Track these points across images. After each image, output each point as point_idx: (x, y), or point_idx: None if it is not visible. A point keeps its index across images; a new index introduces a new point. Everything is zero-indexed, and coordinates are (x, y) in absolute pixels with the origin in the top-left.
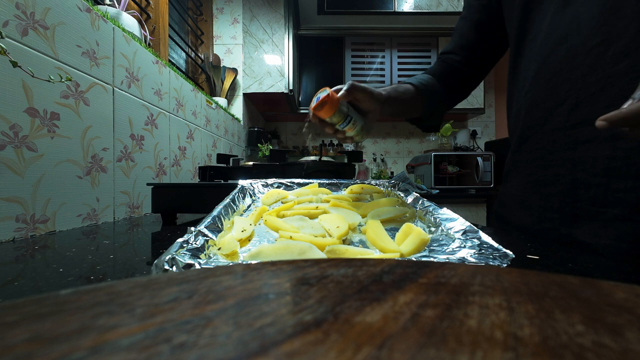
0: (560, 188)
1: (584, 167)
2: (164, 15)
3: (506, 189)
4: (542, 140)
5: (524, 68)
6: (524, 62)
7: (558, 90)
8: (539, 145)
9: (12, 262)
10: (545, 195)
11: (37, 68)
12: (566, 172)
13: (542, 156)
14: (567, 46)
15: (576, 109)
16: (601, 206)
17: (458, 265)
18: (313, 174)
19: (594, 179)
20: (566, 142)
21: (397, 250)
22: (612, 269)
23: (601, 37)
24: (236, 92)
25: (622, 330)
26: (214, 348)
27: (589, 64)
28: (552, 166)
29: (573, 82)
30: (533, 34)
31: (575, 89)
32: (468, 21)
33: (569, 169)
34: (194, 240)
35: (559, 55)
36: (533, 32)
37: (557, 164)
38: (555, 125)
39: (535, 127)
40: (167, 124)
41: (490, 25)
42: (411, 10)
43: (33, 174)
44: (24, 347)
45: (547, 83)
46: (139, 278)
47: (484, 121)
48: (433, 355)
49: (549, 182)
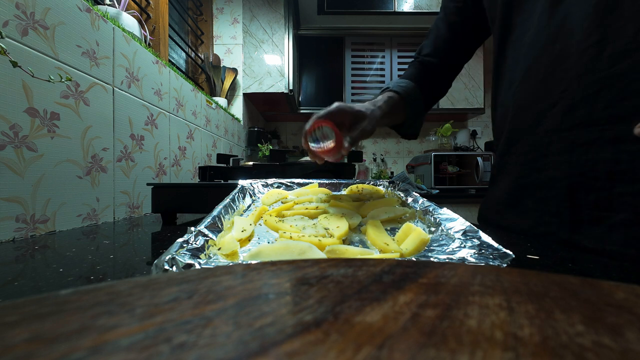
0: (555, 192)
1: (582, 171)
2: (164, 15)
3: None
4: (534, 142)
5: (509, 69)
6: (509, 62)
7: (551, 91)
8: (530, 147)
9: (12, 262)
10: (540, 199)
11: (37, 68)
12: (562, 176)
13: (535, 159)
14: (560, 46)
15: (572, 110)
16: (605, 211)
17: (458, 265)
18: (313, 174)
19: (595, 182)
20: (561, 145)
21: (397, 250)
22: (612, 269)
23: (597, 36)
24: (236, 92)
25: (622, 330)
26: (214, 348)
27: (584, 64)
28: (546, 169)
29: (567, 82)
30: (517, 34)
31: (570, 90)
32: (444, 22)
33: (564, 172)
34: (194, 240)
35: (551, 55)
36: (517, 32)
37: (552, 167)
38: (548, 127)
39: (526, 129)
40: (167, 124)
41: (465, 27)
42: (411, 10)
43: (33, 174)
44: (24, 347)
45: (539, 84)
46: (139, 278)
47: (484, 121)
48: (433, 355)
49: (543, 186)
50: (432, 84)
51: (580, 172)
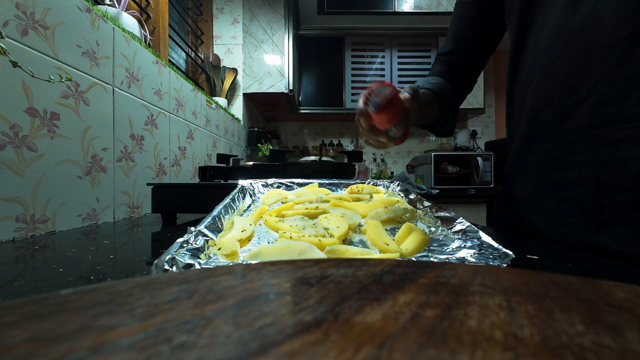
0: (582, 192)
1: (612, 170)
2: (164, 15)
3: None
4: (559, 140)
5: (528, 64)
6: (528, 57)
7: (578, 87)
8: (555, 145)
9: (12, 262)
10: (563, 199)
11: (37, 68)
12: (590, 175)
13: (561, 157)
14: (587, 40)
15: (601, 107)
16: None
17: (458, 265)
18: (313, 174)
19: (625, 182)
20: (590, 142)
21: (397, 250)
22: (612, 269)
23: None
24: (236, 92)
25: (622, 330)
26: (214, 348)
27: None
28: (573, 168)
29: (597, 78)
30: (537, 29)
31: (600, 85)
32: (463, 19)
33: (593, 171)
34: (194, 240)
35: (577, 50)
36: (537, 27)
37: (579, 165)
38: (575, 125)
39: (549, 126)
40: (167, 124)
41: (484, 21)
42: (411, 10)
43: (33, 174)
44: (24, 347)
45: (563, 79)
46: (139, 278)
47: (484, 121)
48: (433, 355)
49: (568, 185)
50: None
51: (611, 171)
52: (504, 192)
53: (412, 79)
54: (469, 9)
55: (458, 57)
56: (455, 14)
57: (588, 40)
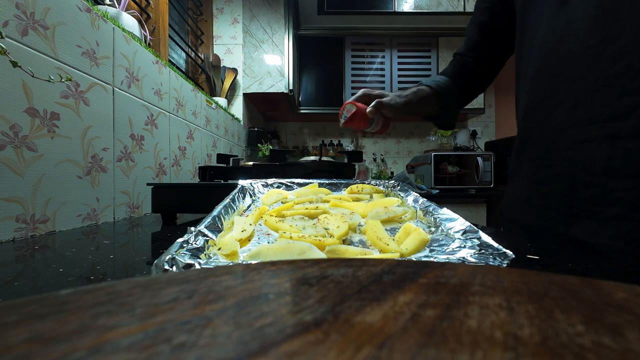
0: (559, 187)
1: (582, 167)
2: (164, 15)
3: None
4: (544, 139)
5: (524, 67)
6: (524, 60)
7: (559, 90)
8: (540, 144)
9: (12, 262)
10: (545, 194)
11: (37, 68)
12: (566, 172)
13: (544, 155)
14: (565, 47)
15: (575, 108)
16: (599, 205)
17: (458, 265)
18: (313, 174)
19: (593, 178)
20: (566, 141)
21: (397, 250)
22: (612, 269)
23: (598, 38)
24: (236, 92)
25: (622, 330)
26: (214, 348)
27: (587, 64)
28: (553, 165)
29: (572, 82)
30: (531, 33)
31: (574, 89)
32: (473, 23)
33: (568, 168)
34: (194, 240)
35: (558, 55)
36: (531, 31)
37: (558, 163)
38: (555, 125)
39: (537, 126)
40: (167, 124)
41: (493, 26)
42: (411, 10)
43: (33, 174)
44: (24, 347)
45: (548, 83)
46: (139, 278)
47: (484, 121)
48: (433, 355)
49: (549, 181)
50: (466, 79)
51: (582, 168)
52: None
53: (412, 79)
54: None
55: (468, 58)
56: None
57: (566, 48)
